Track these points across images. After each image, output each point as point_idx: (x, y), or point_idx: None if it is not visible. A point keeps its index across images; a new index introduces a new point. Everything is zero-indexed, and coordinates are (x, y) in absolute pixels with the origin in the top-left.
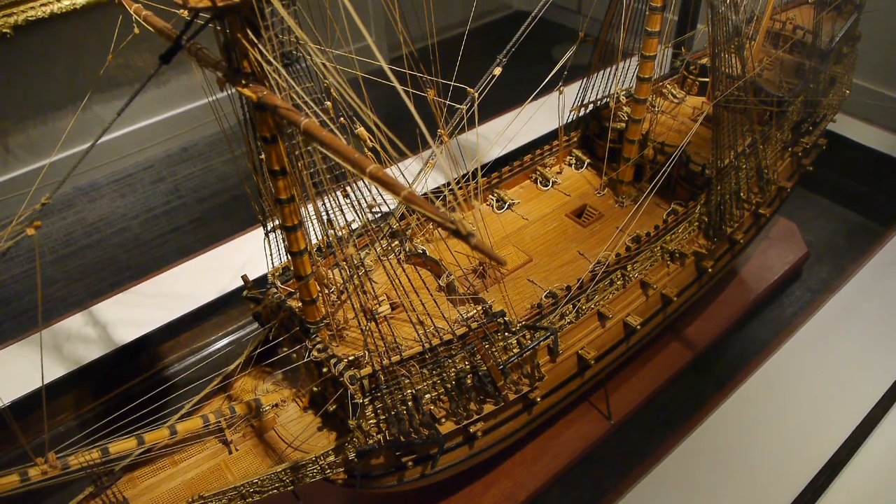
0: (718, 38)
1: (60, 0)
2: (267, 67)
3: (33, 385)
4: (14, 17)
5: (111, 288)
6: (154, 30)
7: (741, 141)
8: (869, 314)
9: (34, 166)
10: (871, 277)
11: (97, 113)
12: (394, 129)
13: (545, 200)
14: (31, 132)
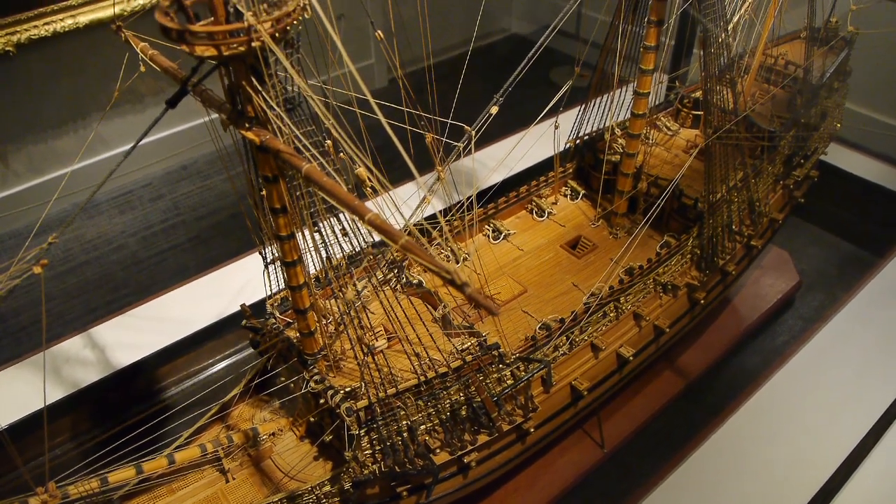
0: (711, 75)
1: (63, 19)
2: (270, 113)
3: (30, 408)
4: (17, 36)
5: (108, 305)
6: (160, 69)
7: (733, 174)
8: (860, 343)
9: (33, 183)
10: (862, 307)
11: (98, 130)
12: (392, 153)
13: (540, 231)
14: (31, 149)
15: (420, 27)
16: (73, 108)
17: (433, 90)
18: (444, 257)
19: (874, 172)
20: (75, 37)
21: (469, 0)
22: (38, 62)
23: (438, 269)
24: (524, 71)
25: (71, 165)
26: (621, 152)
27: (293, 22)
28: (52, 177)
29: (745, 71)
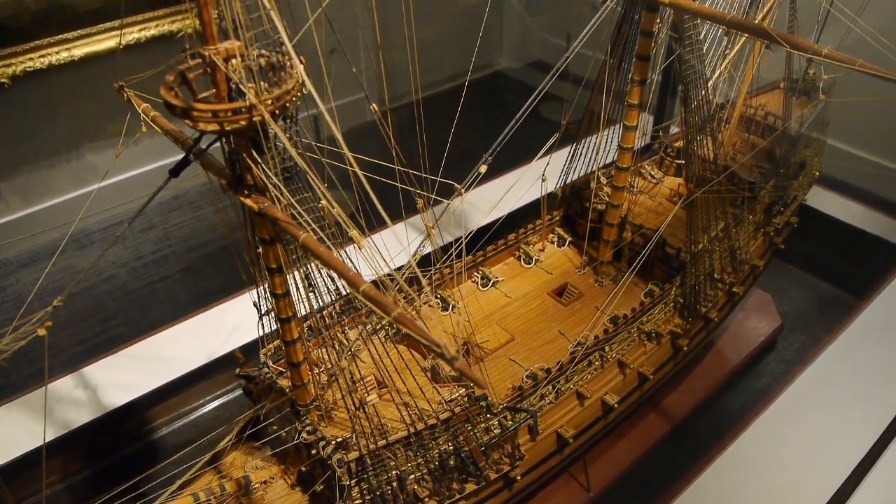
0: (691, 131)
1: (59, 52)
2: (268, 184)
3: (21, 449)
4: (13, 68)
5: (98, 336)
6: (162, 131)
7: (714, 224)
8: (842, 385)
9: (25, 213)
10: (843, 349)
11: (90, 161)
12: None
13: (528, 278)
14: (23, 179)
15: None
16: (66, 140)
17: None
18: (434, 303)
19: (854, 215)
20: (70, 69)
21: (459, 35)
22: (33, 94)
23: (429, 342)
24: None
25: (63, 196)
26: (606, 201)
27: (292, 98)
28: (44, 207)
29: (726, 121)
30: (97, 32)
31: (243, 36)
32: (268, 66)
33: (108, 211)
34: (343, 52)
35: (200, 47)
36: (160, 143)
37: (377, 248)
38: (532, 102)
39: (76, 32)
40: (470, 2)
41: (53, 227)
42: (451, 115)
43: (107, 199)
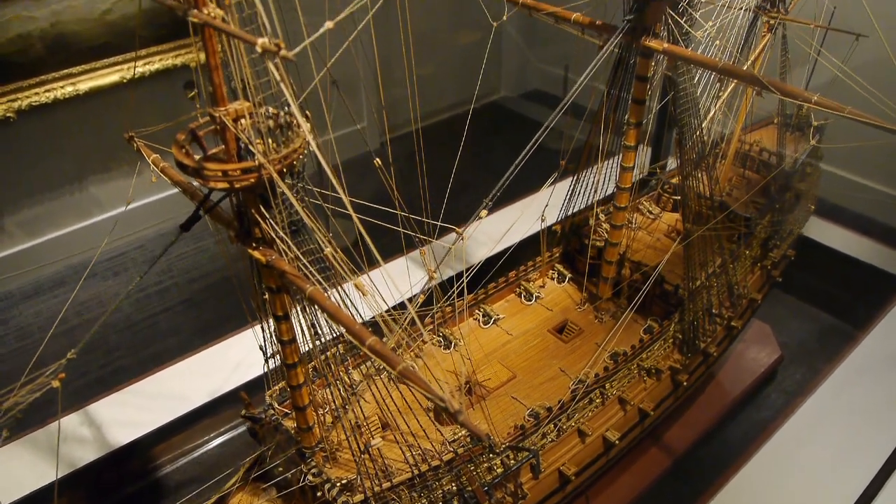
0: (687, 172)
1: (64, 86)
2: (276, 238)
3: (27, 488)
4: (18, 102)
5: (101, 369)
6: (171, 182)
7: (712, 260)
8: (843, 417)
9: (28, 245)
10: (843, 380)
11: (93, 194)
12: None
13: (528, 315)
14: (26, 212)
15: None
16: (70, 173)
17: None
18: (435, 342)
19: (850, 245)
20: (75, 103)
21: (459, 68)
22: (38, 128)
23: (434, 396)
24: (516, 168)
25: (66, 228)
26: (605, 238)
27: (298, 156)
28: (47, 239)
29: (721, 156)
30: (101, 67)
31: (252, 97)
32: (275, 126)
33: (111, 242)
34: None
35: (211, 108)
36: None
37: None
38: (531, 148)
39: (81, 67)
40: (470, 38)
41: (57, 259)
42: (450, 145)
43: (109, 231)
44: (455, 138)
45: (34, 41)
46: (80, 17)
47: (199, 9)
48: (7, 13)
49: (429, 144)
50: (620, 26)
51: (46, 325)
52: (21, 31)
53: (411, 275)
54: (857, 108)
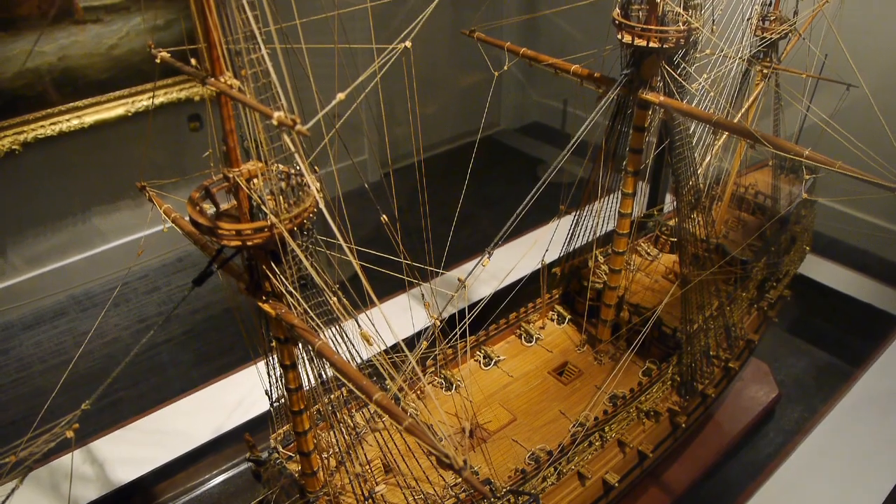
0: (684, 219)
1: (69, 119)
2: (285, 293)
3: None
4: (24, 135)
5: (99, 402)
6: (183, 232)
7: (709, 302)
8: (842, 456)
9: (30, 275)
10: (841, 419)
11: (96, 225)
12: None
13: (529, 357)
14: (29, 242)
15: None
16: (73, 204)
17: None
18: (437, 384)
19: (847, 283)
20: (80, 136)
21: (460, 104)
22: (43, 160)
23: (439, 453)
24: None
25: (68, 259)
26: (604, 280)
27: (309, 214)
28: (49, 269)
29: (718, 198)
30: (107, 101)
31: (265, 158)
32: (287, 187)
33: (114, 272)
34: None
35: (225, 167)
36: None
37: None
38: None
39: (87, 100)
40: (471, 80)
41: (59, 291)
42: (449, 176)
43: (111, 262)
44: (455, 170)
45: (42, 75)
46: (87, 52)
47: (217, 77)
48: (15, 47)
49: (429, 176)
50: (618, 79)
51: (46, 356)
52: (29, 65)
53: (412, 310)
54: (851, 155)
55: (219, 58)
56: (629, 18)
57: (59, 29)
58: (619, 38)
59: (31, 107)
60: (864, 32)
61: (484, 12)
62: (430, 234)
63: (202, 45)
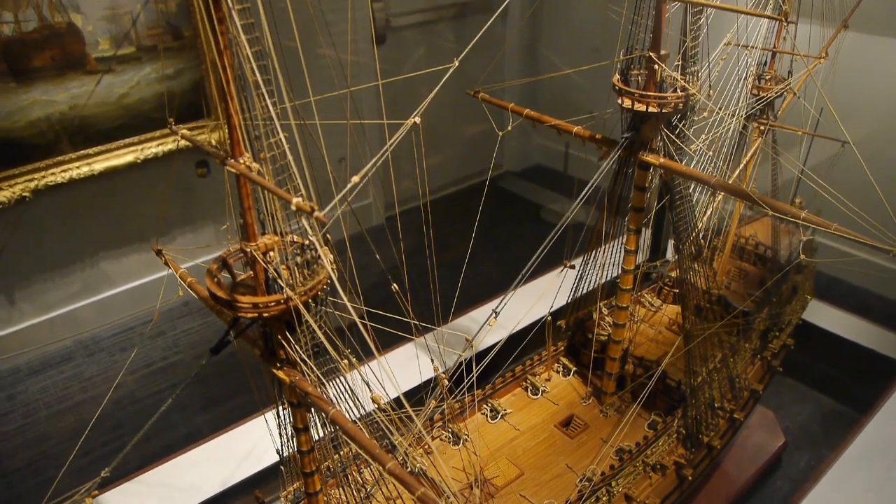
0: (686, 275)
1: (80, 167)
2: (299, 361)
3: None
4: (35, 182)
5: (104, 447)
6: (198, 297)
7: (712, 353)
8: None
9: (39, 320)
10: (849, 467)
11: (104, 270)
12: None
13: (535, 410)
14: (38, 288)
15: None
16: (81, 249)
17: (436, 297)
18: (445, 438)
19: (850, 329)
20: (90, 183)
21: (462, 149)
22: (53, 206)
23: None
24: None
25: (75, 303)
26: (608, 333)
27: (322, 286)
28: (57, 314)
29: (719, 249)
30: (117, 148)
31: (280, 230)
32: (303, 262)
33: (120, 318)
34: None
35: (243, 242)
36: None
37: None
38: (540, 254)
39: (97, 148)
40: (475, 130)
41: (66, 337)
42: (453, 218)
43: (118, 307)
44: (457, 213)
45: (53, 123)
46: (98, 101)
47: (236, 158)
48: (28, 97)
49: (432, 218)
50: (620, 142)
51: (52, 402)
52: (41, 114)
53: (419, 359)
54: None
55: (239, 141)
56: (629, 83)
57: (71, 79)
58: (619, 102)
59: (42, 155)
60: (859, 88)
61: (488, 73)
62: (436, 286)
63: (222, 121)
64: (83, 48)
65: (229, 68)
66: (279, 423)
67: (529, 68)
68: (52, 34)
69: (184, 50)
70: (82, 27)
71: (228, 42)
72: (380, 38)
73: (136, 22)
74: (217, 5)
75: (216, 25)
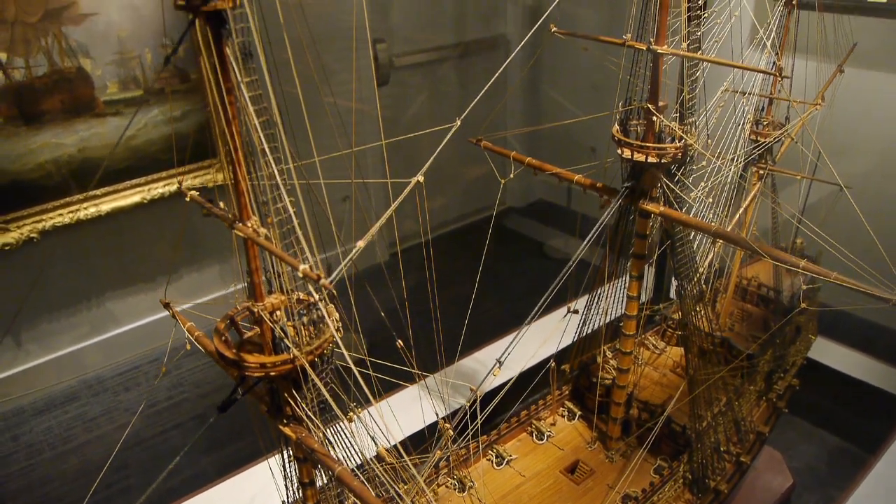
0: (689, 321)
1: (87, 208)
2: (306, 420)
3: None
4: (42, 223)
5: (108, 489)
6: (205, 351)
7: (717, 396)
8: None
9: (45, 359)
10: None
11: (109, 309)
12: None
13: (540, 455)
14: (44, 327)
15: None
16: (88, 289)
17: (441, 349)
18: (450, 485)
19: (855, 366)
20: (97, 223)
21: (464, 188)
22: (60, 247)
23: None
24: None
25: (81, 343)
26: (613, 376)
27: (328, 345)
28: (63, 354)
29: (722, 290)
30: (124, 189)
31: (286, 289)
32: (309, 321)
33: (126, 357)
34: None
35: (250, 302)
36: (179, 288)
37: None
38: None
39: (104, 189)
40: (478, 172)
41: (72, 377)
42: (455, 255)
43: (123, 347)
44: (460, 249)
45: (62, 165)
46: (106, 143)
47: (244, 223)
48: (37, 140)
49: (435, 254)
50: (620, 191)
51: (56, 443)
52: (49, 156)
53: (422, 404)
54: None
55: (246, 205)
56: (628, 134)
57: (80, 122)
58: (619, 152)
59: (50, 196)
60: (856, 127)
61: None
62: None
63: (229, 181)
64: (92, 92)
65: (237, 136)
66: (285, 476)
67: (531, 103)
68: (62, 79)
69: (190, 93)
70: (91, 72)
71: (237, 111)
72: (383, 78)
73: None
74: (226, 76)
75: (225, 96)
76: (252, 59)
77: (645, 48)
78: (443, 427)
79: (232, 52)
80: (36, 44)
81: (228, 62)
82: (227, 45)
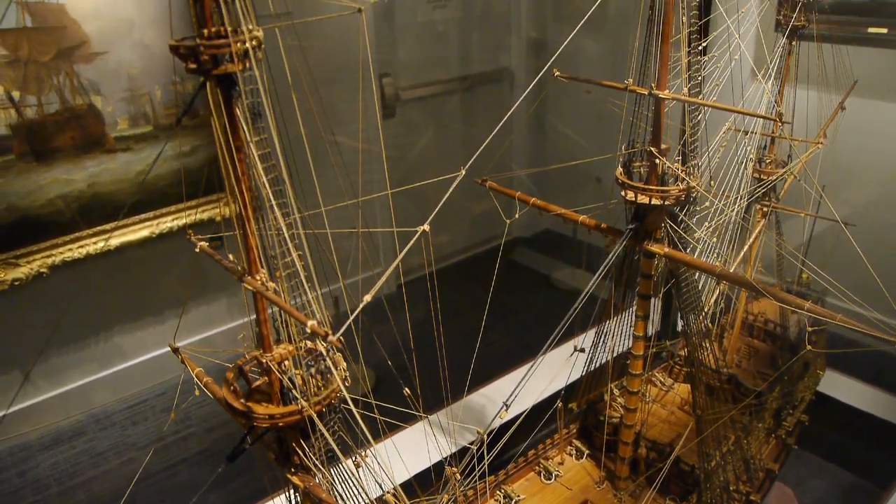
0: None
1: (96, 242)
2: (314, 469)
3: None
4: (52, 259)
5: None
6: (214, 397)
7: (725, 435)
8: None
9: (53, 394)
10: None
11: (117, 343)
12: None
13: (548, 495)
14: (53, 362)
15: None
16: (96, 323)
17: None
18: None
19: (865, 399)
20: (106, 258)
21: (472, 217)
22: (69, 281)
23: None
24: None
25: (88, 377)
26: (620, 415)
27: (335, 395)
28: (70, 388)
29: (729, 326)
30: (132, 223)
31: (294, 339)
32: (317, 372)
33: (133, 391)
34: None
35: (259, 352)
36: (186, 321)
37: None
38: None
39: (113, 224)
40: (483, 208)
41: (79, 412)
42: (462, 286)
43: (131, 381)
44: (466, 280)
45: (71, 201)
46: (115, 178)
47: (253, 276)
48: (48, 176)
49: (442, 285)
50: (624, 232)
51: (63, 478)
52: (59, 192)
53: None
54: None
55: (255, 260)
56: (631, 176)
57: (89, 158)
58: (622, 195)
59: (60, 231)
60: (860, 160)
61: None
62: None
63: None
64: (103, 128)
65: (247, 192)
66: None
67: (536, 133)
68: (73, 116)
69: (199, 128)
70: (102, 108)
71: (246, 168)
72: (389, 111)
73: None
74: (236, 135)
75: (234, 153)
76: (261, 118)
77: (647, 93)
78: (449, 473)
79: (241, 112)
80: (48, 82)
81: (238, 123)
82: (236, 106)
